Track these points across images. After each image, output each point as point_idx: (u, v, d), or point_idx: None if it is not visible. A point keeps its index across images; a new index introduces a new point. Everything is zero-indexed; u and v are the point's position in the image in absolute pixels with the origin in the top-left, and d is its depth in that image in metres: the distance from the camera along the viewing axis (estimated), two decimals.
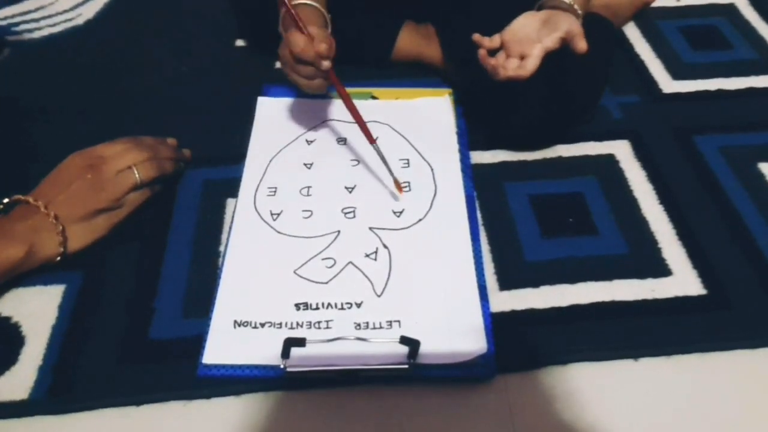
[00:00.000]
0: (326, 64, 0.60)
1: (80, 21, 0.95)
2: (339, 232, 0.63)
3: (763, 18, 0.91)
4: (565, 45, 0.60)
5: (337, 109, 0.77)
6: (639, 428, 0.50)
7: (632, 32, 0.89)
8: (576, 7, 0.61)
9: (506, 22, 0.63)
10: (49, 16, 0.96)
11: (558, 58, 0.61)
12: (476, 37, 0.63)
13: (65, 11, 0.97)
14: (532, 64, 0.59)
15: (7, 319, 0.57)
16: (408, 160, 0.70)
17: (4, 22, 0.95)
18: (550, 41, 0.59)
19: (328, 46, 0.59)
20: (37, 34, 0.93)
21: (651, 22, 0.91)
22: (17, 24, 0.94)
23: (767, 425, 0.50)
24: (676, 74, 0.82)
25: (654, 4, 0.92)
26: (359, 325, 0.55)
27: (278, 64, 0.85)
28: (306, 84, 0.64)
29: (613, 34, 0.82)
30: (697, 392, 0.52)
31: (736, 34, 0.88)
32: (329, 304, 0.56)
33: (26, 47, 0.91)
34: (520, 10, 0.64)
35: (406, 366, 0.51)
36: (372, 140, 0.64)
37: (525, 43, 0.60)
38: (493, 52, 0.63)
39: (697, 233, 0.63)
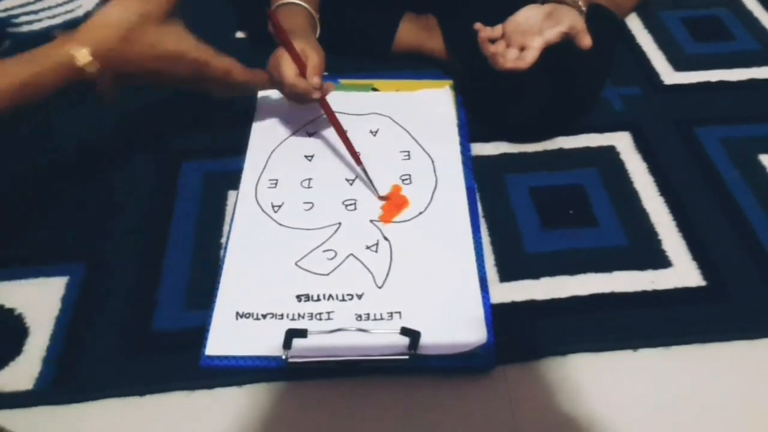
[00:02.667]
0: (317, 95, 0.60)
1: (80, 13, 0.95)
2: (340, 224, 0.63)
3: (765, 9, 0.90)
4: (567, 39, 0.60)
5: (338, 101, 0.77)
6: (638, 419, 0.50)
7: (634, 23, 0.89)
8: (580, 3, 0.61)
9: (510, 13, 0.63)
10: (49, 8, 0.95)
11: (560, 50, 0.61)
12: (477, 25, 0.63)
13: (64, 3, 0.96)
14: (531, 56, 0.59)
15: (11, 310, 0.58)
16: (409, 152, 0.70)
17: (3, 14, 0.95)
18: (552, 34, 0.59)
19: (320, 77, 0.58)
20: (36, 26, 0.92)
21: (652, 13, 0.90)
22: (17, 16, 0.94)
23: (765, 416, 0.50)
24: (678, 65, 0.82)
25: None
26: (360, 316, 0.55)
27: None
28: (293, 102, 0.64)
29: (617, 26, 0.82)
30: (695, 383, 0.52)
31: (738, 25, 0.88)
32: (330, 296, 0.57)
33: (26, 39, 0.91)
34: (523, 2, 0.63)
35: (407, 357, 0.52)
36: (358, 161, 0.64)
37: (527, 35, 0.60)
38: (494, 42, 0.63)
39: (697, 225, 0.63)
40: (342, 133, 0.64)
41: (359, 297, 0.57)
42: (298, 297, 0.57)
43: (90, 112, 0.77)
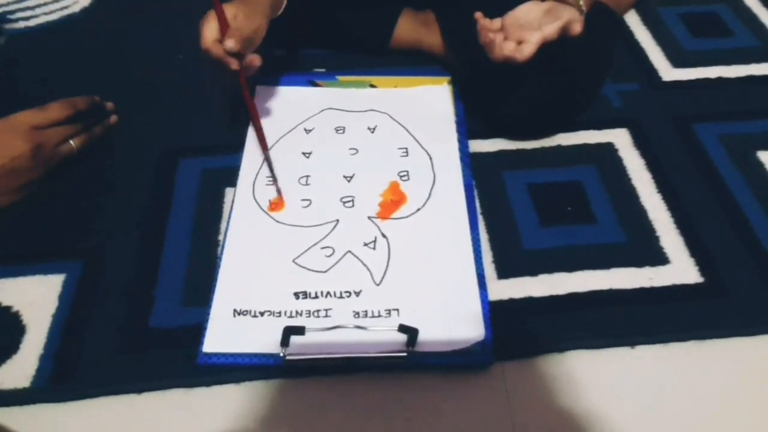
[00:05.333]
0: (234, 66, 0.55)
1: (76, 8, 0.94)
2: (338, 221, 0.63)
3: (764, 5, 0.90)
4: (565, 34, 0.60)
5: (336, 97, 0.77)
6: (635, 415, 0.50)
7: (632, 19, 0.88)
8: (581, 3, 0.61)
9: (508, 9, 0.63)
10: (45, 4, 0.95)
11: (561, 46, 0.61)
12: (478, 15, 0.63)
13: None
14: (528, 49, 0.58)
15: (8, 308, 0.57)
16: (406, 149, 0.70)
17: None
18: (550, 30, 0.59)
19: (238, 43, 0.53)
20: (33, 22, 0.92)
21: (651, 8, 0.90)
22: (13, 12, 0.94)
23: (763, 412, 0.50)
24: (676, 62, 0.81)
25: None
26: (358, 313, 0.55)
27: (276, 52, 0.84)
28: (222, 75, 0.59)
29: (618, 24, 0.81)
30: (693, 380, 0.52)
31: (736, 21, 0.88)
32: (328, 293, 0.57)
33: (22, 35, 0.90)
34: None
35: (405, 354, 0.52)
36: (266, 148, 0.65)
37: (525, 29, 0.60)
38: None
39: (695, 222, 0.63)
40: (255, 117, 0.65)
41: (357, 294, 0.57)
42: (296, 294, 0.57)
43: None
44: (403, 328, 0.51)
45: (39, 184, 0.65)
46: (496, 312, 0.55)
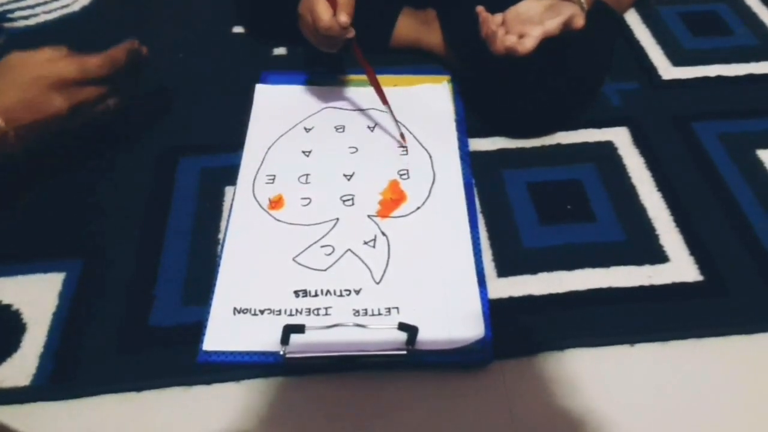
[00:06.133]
0: (350, 34, 0.61)
1: (76, 7, 0.94)
2: (338, 219, 0.63)
3: (763, 4, 0.90)
4: (568, 31, 0.60)
5: (335, 96, 0.77)
6: (634, 413, 0.50)
7: (632, 18, 0.88)
8: (582, 0, 0.61)
9: (509, 6, 0.63)
10: (45, 3, 0.95)
11: (562, 44, 0.61)
12: (479, 8, 0.63)
13: None
14: (530, 43, 0.58)
15: (8, 306, 0.57)
16: (406, 147, 0.70)
17: None
18: (552, 25, 0.59)
19: (349, 17, 0.59)
20: (32, 21, 0.92)
21: (651, 7, 0.90)
22: (12, 11, 0.94)
23: (762, 411, 0.50)
24: (676, 61, 0.81)
25: None
26: (358, 311, 0.55)
27: (276, 51, 0.85)
28: (324, 48, 0.65)
29: (618, 23, 0.81)
30: (692, 378, 0.52)
31: (736, 20, 0.88)
32: (328, 291, 0.57)
33: (22, 34, 0.90)
34: None
35: (405, 352, 0.52)
36: (385, 101, 0.67)
37: (527, 24, 0.60)
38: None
39: (694, 220, 0.63)
40: (372, 75, 0.66)
41: (357, 292, 0.57)
42: (296, 293, 0.57)
43: None
44: (402, 327, 0.52)
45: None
46: (495, 310, 0.55)
